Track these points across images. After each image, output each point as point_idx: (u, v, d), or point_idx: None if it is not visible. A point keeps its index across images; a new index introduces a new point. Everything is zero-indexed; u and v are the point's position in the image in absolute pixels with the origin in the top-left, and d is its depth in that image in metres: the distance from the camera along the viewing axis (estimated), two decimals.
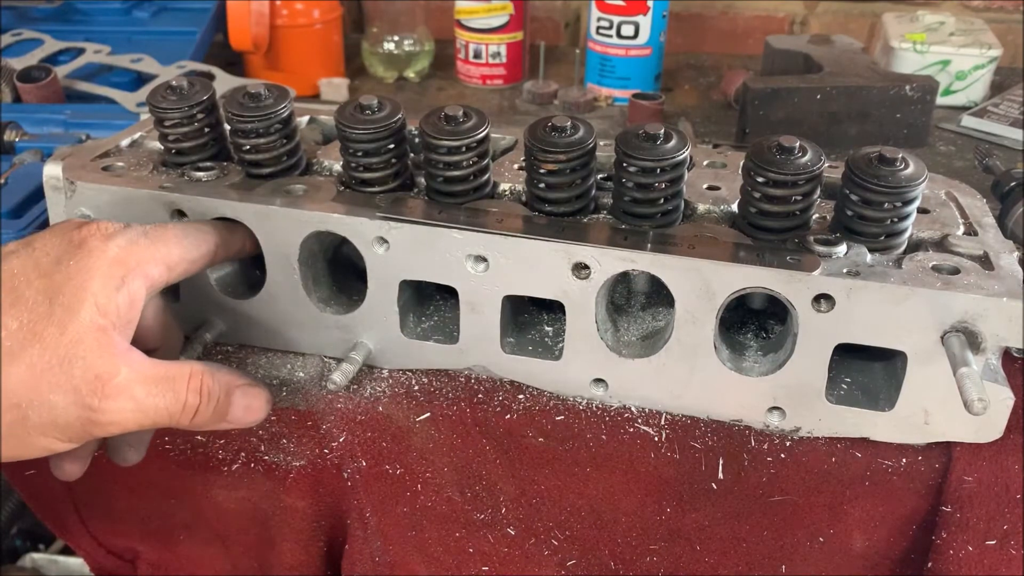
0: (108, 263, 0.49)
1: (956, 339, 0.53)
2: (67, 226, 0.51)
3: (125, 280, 0.50)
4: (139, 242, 0.52)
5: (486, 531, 0.65)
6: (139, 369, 0.50)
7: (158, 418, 0.50)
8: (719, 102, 1.28)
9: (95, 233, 0.51)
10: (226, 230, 0.60)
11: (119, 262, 0.50)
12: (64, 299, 0.48)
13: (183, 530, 0.72)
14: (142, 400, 0.49)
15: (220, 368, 0.55)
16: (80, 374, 0.47)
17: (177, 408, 0.51)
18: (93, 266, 0.49)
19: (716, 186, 0.65)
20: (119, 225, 0.52)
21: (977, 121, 1.15)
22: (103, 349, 0.48)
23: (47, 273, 0.48)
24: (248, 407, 0.55)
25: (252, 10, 1.22)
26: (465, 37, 1.33)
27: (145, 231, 0.53)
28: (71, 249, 0.49)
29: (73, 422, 0.48)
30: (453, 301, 0.62)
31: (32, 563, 1.34)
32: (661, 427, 0.61)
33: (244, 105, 0.63)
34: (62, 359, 0.47)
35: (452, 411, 0.62)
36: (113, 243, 0.50)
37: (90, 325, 0.48)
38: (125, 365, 0.49)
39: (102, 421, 0.48)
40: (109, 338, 0.48)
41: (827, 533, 0.61)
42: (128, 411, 0.49)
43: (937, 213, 0.63)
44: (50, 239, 0.50)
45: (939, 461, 0.58)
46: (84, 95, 1.16)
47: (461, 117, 0.60)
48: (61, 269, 0.49)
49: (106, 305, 0.49)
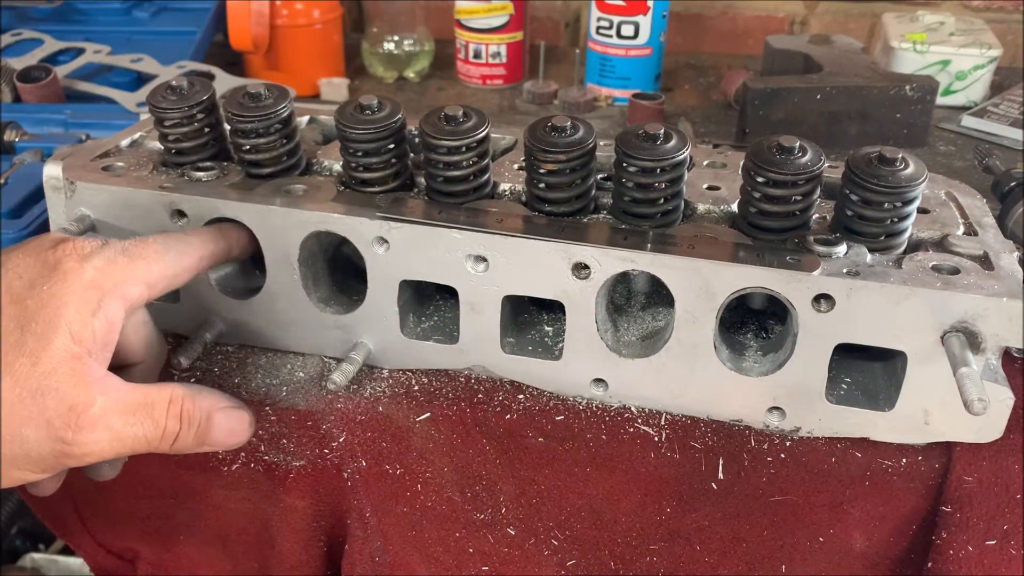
0: (83, 287, 0.47)
1: (956, 339, 0.53)
2: (42, 244, 0.49)
3: (101, 304, 0.48)
4: (117, 261, 0.50)
5: (486, 531, 0.65)
6: (116, 397, 0.48)
7: (136, 445, 0.49)
8: (719, 102, 1.28)
9: (70, 254, 0.48)
10: (217, 235, 0.58)
11: (95, 285, 0.48)
12: (37, 327, 0.46)
13: (183, 530, 0.72)
14: (119, 430, 0.48)
15: (201, 391, 0.53)
16: (53, 406, 0.45)
17: (156, 435, 0.50)
18: (67, 291, 0.47)
19: (716, 186, 0.65)
20: (96, 243, 0.50)
21: (977, 121, 1.15)
22: (77, 379, 0.46)
23: (19, 298, 0.47)
24: (231, 430, 0.54)
25: (252, 10, 1.22)
26: (465, 37, 1.33)
27: (124, 248, 0.51)
28: (45, 272, 0.48)
29: (46, 455, 0.46)
30: (453, 301, 0.62)
31: (32, 563, 1.34)
32: (661, 427, 0.61)
33: (244, 105, 0.63)
34: (34, 391, 0.45)
35: (452, 411, 0.62)
36: (89, 264, 0.48)
37: (64, 354, 0.46)
38: (101, 394, 0.47)
39: (76, 453, 0.47)
40: (84, 366, 0.47)
41: (827, 533, 0.61)
42: (104, 441, 0.47)
43: (937, 213, 0.63)
44: (23, 259, 0.48)
45: (939, 461, 0.58)
46: (84, 95, 1.16)
47: (461, 117, 0.60)
48: (34, 294, 0.47)
49: (81, 332, 0.47)
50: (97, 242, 0.50)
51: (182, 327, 0.66)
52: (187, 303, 0.66)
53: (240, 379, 0.65)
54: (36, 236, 0.51)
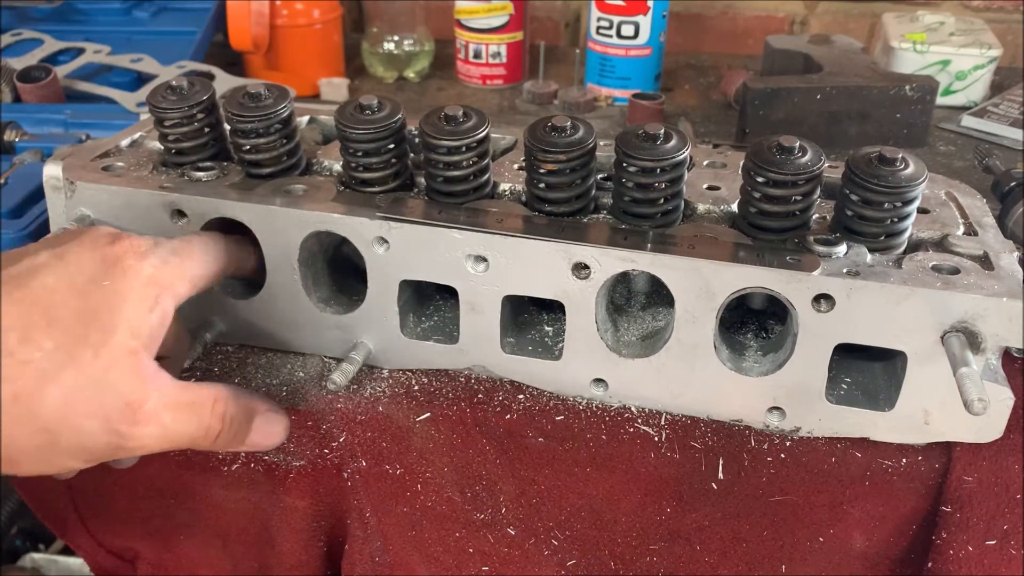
0: (143, 284, 0.49)
1: (956, 339, 0.53)
2: (99, 239, 0.50)
3: (158, 300, 0.50)
4: (170, 261, 0.52)
5: (486, 531, 0.65)
6: (167, 394, 0.50)
7: (181, 441, 0.51)
8: (719, 102, 1.28)
9: (129, 251, 0.50)
10: (236, 245, 0.60)
11: (153, 282, 0.50)
12: (100, 321, 0.47)
13: (183, 530, 0.72)
14: (168, 426, 0.49)
15: (243, 392, 0.55)
16: (112, 400, 0.47)
17: (200, 433, 0.51)
18: (128, 287, 0.49)
19: (716, 186, 0.65)
20: (150, 241, 0.52)
21: (977, 121, 1.15)
22: (134, 374, 0.48)
23: (83, 293, 0.47)
24: (268, 432, 0.56)
25: (252, 10, 1.22)
26: (465, 37, 1.33)
27: (174, 249, 0.53)
28: (106, 268, 0.49)
29: (101, 446, 0.48)
30: (453, 301, 0.62)
31: (32, 563, 1.34)
32: (661, 427, 0.61)
33: (244, 105, 0.63)
34: (95, 384, 0.46)
35: (452, 411, 0.62)
36: (147, 263, 0.50)
37: (123, 349, 0.47)
38: (155, 390, 0.49)
39: (129, 446, 0.48)
40: (140, 362, 0.48)
41: (827, 533, 0.61)
42: (155, 436, 0.49)
43: (937, 213, 0.63)
44: (82, 253, 0.49)
45: (939, 461, 0.58)
46: (84, 95, 1.16)
47: (461, 117, 0.60)
48: (97, 289, 0.48)
49: (139, 327, 0.48)
50: (150, 240, 0.52)
51: None
52: (187, 303, 0.65)
53: (240, 379, 0.65)
54: (83, 228, 0.53)
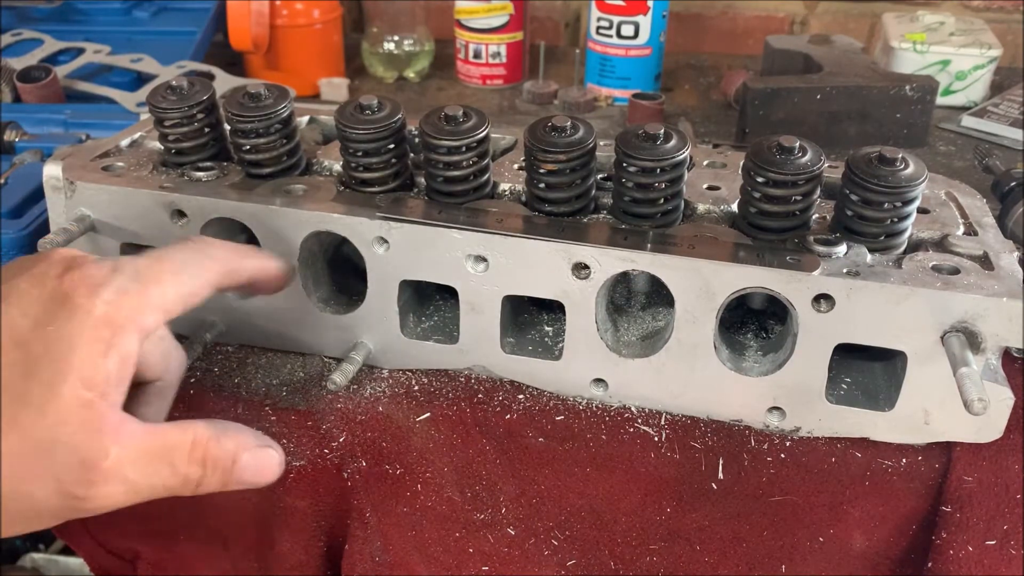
0: (93, 325, 0.43)
1: (956, 339, 0.53)
2: (48, 271, 0.44)
3: (113, 343, 0.43)
4: (129, 291, 0.44)
5: (486, 531, 0.65)
6: (131, 445, 0.44)
7: (154, 494, 0.46)
8: (719, 102, 1.28)
9: (79, 285, 0.43)
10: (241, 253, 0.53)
11: (106, 322, 0.43)
12: (43, 374, 0.42)
13: (183, 530, 0.72)
14: (136, 481, 0.44)
15: (227, 429, 0.49)
16: (63, 460, 0.42)
17: (176, 483, 0.46)
18: (75, 332, 0.42)
19: (716, 186, 0.65)
20: (108, 267, 0.45)
21: (977, 121, 1.15)
22: (89, 429, 0.42)
23: (23, 341, 0.42)
24: (258, 471, 0.49)
25: (252, 10, 1.22)
26: (465, 37, 1.33)
27: (136, 272, 0.45)
28: (52, 307, 0.43)
29: (55, 510, 0.43)
30: (453, 301, 0.62)
31: (32, 563, 1.34)
32: (661, 427, 0.61)
33: (244, 105, 0.63)
34: (41, 446, 0.41)
35: (452, 411, 0.62)
36: (99, 298, 0.43)
37: (73, 402, 0.42)
38: (114, 444, 0.43)
39: (87, 508, 0.44)
40: (96, 414, 0.42)
41: (827, 533, 0.61)
42: (118, 494, 0.44)
43: (937, 213, 0.63)
44: (28, 291, 0.44)
45: (939, 461, 0.58)
46: (84, 95, 1.16)
47: (461, 117, 0.60)
48: (39, 336, 0.42)
49: (92, 376, 0.42)
50: (107, 267, 0.45)
51: (182, 327, 0.66)
52: None
53: (240, 379, 0.65)
54: (41, 256, 0.46)
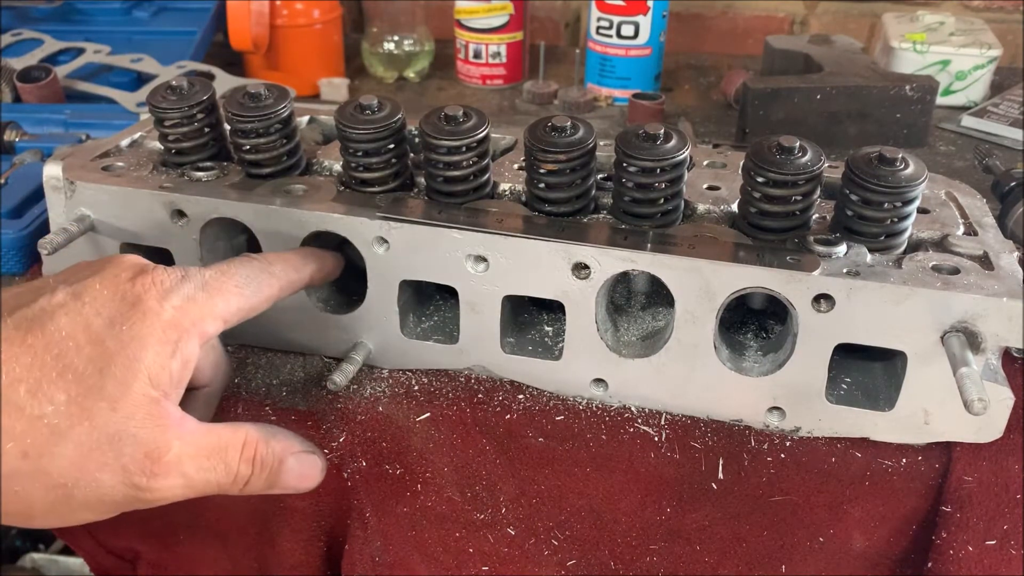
0: (163, 327, 0.46)
1: (956, 339, 0.53)
2: (120, 275, 0.48)
3: (179, 345, 0.47)
4: (196, 298, 0.48)
5: (486, 531, 0.65)
6: (191, 441, 0.47)
7: (207, 489, 0.48)
8: (719, 102, 1.28)
9: (150, 290, 0.47)
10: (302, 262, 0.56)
11: (174, 325, 0.47)
12: (116, 370, 0.45)
13: (183, 530, 0.72)
14: (192, 476, 0.47)
15: (276, 433, 0.52)
16: (130, 452, 0.45)
17: (228, 480, 0.49)
18: (147, 333, 0.46)
19: (716, 186, 0.65)
20: (177, 275, 0.49)
21: (977, 121, 1.15)
22: (154, 423, 0.45)
23: (98, 339, 0.45)
24: (302, 475, 0.53)
25: (252, 10, 1.22)
26: (465, 37, 1.33)
27: (204, 283, 0.49)
28: (124, 309, 0.46)
29: (119, 500, 0.46)
30: (453, 301, 0.62)
31: (32, 563, 1.34)
32: (661, 427, 0.61)
33: (244, 105, 0.63)
34: (112, 437, 0.44)
35: (452, 411, 0.62)
36: (168, 303, 0.47)
37: (142, 398, 0.45)
38: (177, 439, 0.46)
39: (149, 499, 0.46)
40: (161, 410, 0.46)
41: (827, 533, 0.61)
42: (178, 487, 0.47)
43: (937, 213, 0.63)
44: (101, 292, 0.47)
45: (939, 461, 0.58)
46: (84, 95, 1.16)
47: (461, 117, 0.60)
48: (113, 335, 0.45)
49: (159, 375, 0.46)
50: (177, 274, 0.49)
51: None
52: None
53: (240, 379, 0.65)
54: (110, 259, 0.50)
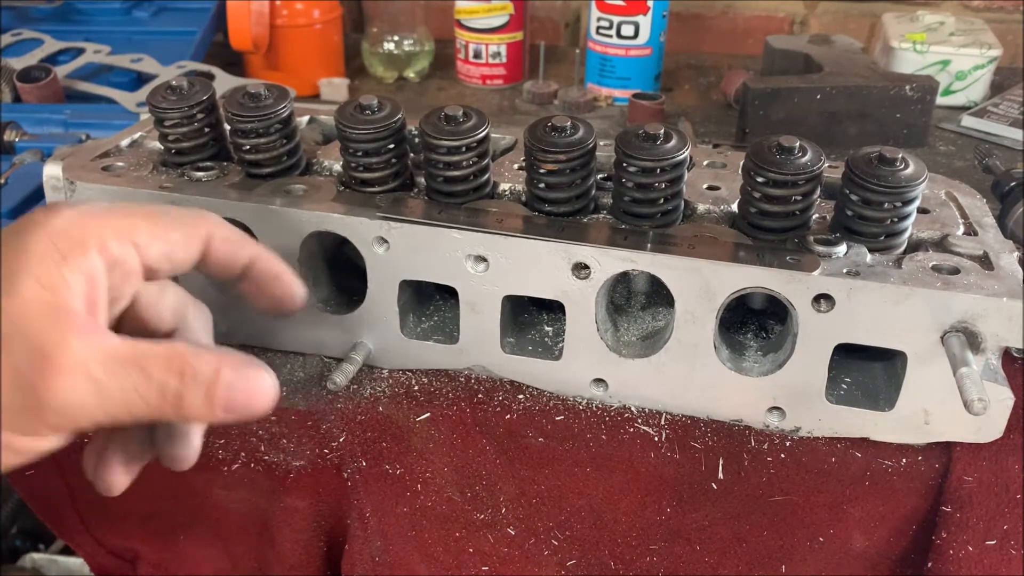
0: (49, 235, 0.43)
1: (956, 339, 0.53)
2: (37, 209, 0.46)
3: (69, 255, 0.43)
4: (94, 213, 0.45)
5: (486, 531, 0.65)
6: (98, 344, 0.42)
7: (132, 407, 0.43)
8: (719, 102, 1.28)
9: (49, 208, 0.44)
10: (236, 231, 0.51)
11: (63, 234, 0.43)
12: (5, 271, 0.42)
13: (183, 530, 0.72)
14: (102, 381, 0.41)
15: (210, 346, 0.47)
16: (20, 350, 0.41)
17: (152, 392, 0.42)
18: (32, 239, 0.43)
19: (716, 186, 0.65)
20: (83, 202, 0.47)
21: (977, 121, 1.15)
22: (51, 322, 0.41)
23: None
24: (247, 391, 0.44)
25: (252, 10, 1.22)
26: (465, 37, 1.33)
27: (107, 207, 0.46)
28: (17, 227, 0.44)
29: (18, 407, 0.41)
30: (453, 301, 0.62)
31: (32, 563, 1.34)
32: (661, 427, 0.61)
33: (244, 105, 0.63)
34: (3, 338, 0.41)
35: (452, 411, 0.62)
36: (59, 217, 0.44)
37: (34, 300, 0.41)
38: (78, 339, 0.41)
39: (53, 404, 0.41)
40: (56, 310, 0.42)
41: (827, 533, 0.61)
42: (86, 393, 0.41)
43: (937, 213, 0.63)
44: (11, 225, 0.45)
45: (939, 461, 0.58)
46: (84, 95, 1.16)
47: (461, 117, 0.60)
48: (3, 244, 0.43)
49: (51, 281, 0.42)
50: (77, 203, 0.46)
51: None
52: None
53: None
54: None
